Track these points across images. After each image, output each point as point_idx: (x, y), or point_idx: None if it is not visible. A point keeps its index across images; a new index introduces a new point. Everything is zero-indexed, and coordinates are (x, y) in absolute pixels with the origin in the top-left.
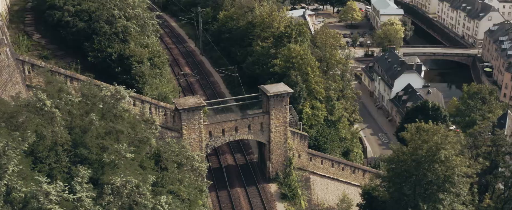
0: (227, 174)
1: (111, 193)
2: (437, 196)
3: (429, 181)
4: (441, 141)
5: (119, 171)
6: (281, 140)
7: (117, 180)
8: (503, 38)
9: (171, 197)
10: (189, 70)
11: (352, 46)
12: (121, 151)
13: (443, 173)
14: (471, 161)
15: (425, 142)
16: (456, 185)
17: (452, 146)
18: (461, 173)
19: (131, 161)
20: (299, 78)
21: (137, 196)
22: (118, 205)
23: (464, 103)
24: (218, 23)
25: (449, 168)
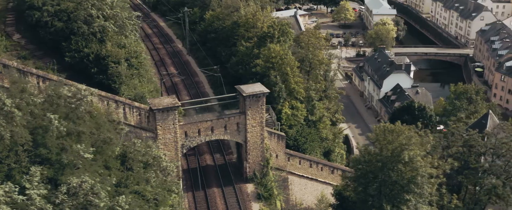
0: (205, 174)
1: (67, 193)
2: (402, 197)
3: (394, 182)
4: (406, 142)
5: (79, 171)
6: (257, 140)
7: (73, 180)
8: (494, 38)
9: (133, 197)
10: (175, 70)
11: (344, 46)
12: (79, 151)
13: (408, 174)
14: (441, 162)
15: (390, 143)
16: (420, 186)
17: (417, 147)
18: (425, 173)
19: (91, 161)
20: (279, 78)
21: (90, 196)
22: (72, 204)
23: (451, 103)
24: (205, 23)
25: (413, 169)
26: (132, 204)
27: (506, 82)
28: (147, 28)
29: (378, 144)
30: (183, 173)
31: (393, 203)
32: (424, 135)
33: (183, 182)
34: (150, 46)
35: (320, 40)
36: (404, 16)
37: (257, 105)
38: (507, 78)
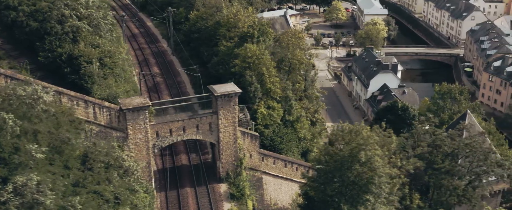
0: (180, 174)
1: (13, 191)
2: (361, 197)
3: (352, 182)
4: (363, 142)
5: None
6: (230, 140)
7: (18, 179)
8: (483, 37)
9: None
10: (158, 70)
11: (335, 46)
12: (31, 151)
13: (366, 174)
14: (404, 162)
15: (348, 143)
16: (377, 186)
17: (376, 147)
18: (383, 174)
19: (46, 161)
20: (254, 78)
21: (36, 194)
22: (18, 203)
23: (435, 103)
24: (189, 23)
25: (371, 169)
26: (85, 204)
27: (493, 82)
28: (134, 28)
29: (337, 144)
30: (158, 172)
31: (352, 203)
32: (388, 135)
33: (157, 182)
34: (136, 46)
35: (300, 40)
36: (397, 16)
37: (229, 105)
38: (495, 78)
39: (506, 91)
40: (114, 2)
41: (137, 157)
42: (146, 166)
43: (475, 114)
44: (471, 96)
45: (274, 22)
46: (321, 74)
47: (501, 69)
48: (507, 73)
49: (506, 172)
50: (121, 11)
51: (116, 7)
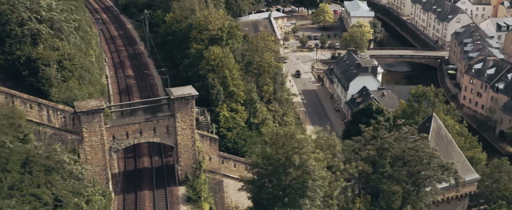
0: (140, 176)
1: None
2: (297, 201)
3: (288, 186)
4: (298, 145)
5: None
6: (188, 143)
7: None
8: (467, 40)
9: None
10: (132, 72)
11: (321, 48)
12: None
13: (303, 177)
14: (347, 165)
15: (282, 147)
16: (311, 189)
17: (309, 150)
18: (317, 177)
19: None
20: (217, 80)
21: None
22: None
23: (410, 106)
24: (165, 25)
25: (305, 172)
26: (18, 207)
27: (474, 85)
28: (113, 30)
29: (274, 148)
30: (119, 175)
31: (288, 206)
32: (331, 138)
33: (117, 185)
34: (113, 48)
35: (269, 43)
36: (385, 18)
37: (186, 107)
38: (476, 81)
39: (487, 94)
40: (97, 5)
41: (93, 159)
42: (103, 169)
43: (449, 116)
44: (454, 98)
45: (258, 25)
46: (305, 77)
47: (481, 72)
48: (487, 76)
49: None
50: (103, 14)
51: (99, 9)
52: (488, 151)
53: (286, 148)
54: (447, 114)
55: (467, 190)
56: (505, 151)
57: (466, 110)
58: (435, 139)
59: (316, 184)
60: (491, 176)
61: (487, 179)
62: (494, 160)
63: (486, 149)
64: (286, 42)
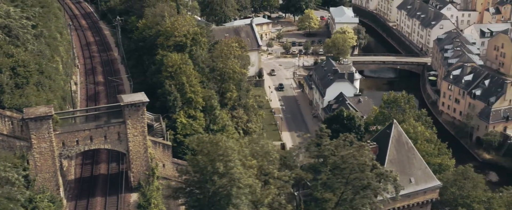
0: (95, 183)
1: None
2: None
3: (214, 193)
4: (223, 153)
5: None
6: (140, 149)
7: None
8: (448, 46)
9: None
10: (103, 78)
11: (304, 54)
12: None
13: (225, 185)
14: (282, 173)
15: (208, 154)
16: (236, 197)
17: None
18: (242, 185)
19: None
20: (174, 87)
21: None
22: None
23: (381, 112)
24: (138, 31)
25: (231, 179)
26: None
27: (452, 91)
28: (90, 36)
29: (201, 155)
30: (74, 181)
31: None
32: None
33: (72, 191)
34: (87, 54)
35: (232, 50)
36: (372, 25)
37: (137, 114)
38: (454, 87)
39: (464, 100)
40: (78, 11)
41: (42, 166)
42: (53, 175)
43: (419, 123)
44: (434, 105)
45: (240, 31)
46: (287, 83)
47: (459, 78)
48: (465, 82)
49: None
50: (82, 20)
51: (79, 15)
52: (465, 157)
53: (210, 156)
54: (418, 120)
55: (429, 197)
56: (481, 158)
57: (445, 116)
58: (396, 146)
59: (241, 192)
60: (455, 183)
61: (451, 187)
62: (459, 167)
63: (463, 155)
64: (270, 48)
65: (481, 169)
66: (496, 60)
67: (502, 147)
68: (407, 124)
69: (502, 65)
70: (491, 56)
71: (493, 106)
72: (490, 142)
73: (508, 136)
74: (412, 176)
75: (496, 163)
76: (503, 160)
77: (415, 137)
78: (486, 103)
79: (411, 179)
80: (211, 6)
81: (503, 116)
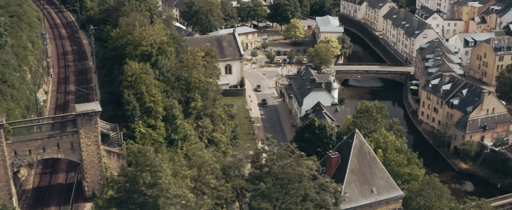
0: (52, 192)
1: None
2: None
3: (142, 204)
4: (150, 163)
5: None
6: (94, 159)
7: None
8: (429, 55)
9: None
10: (74, 87)
11: (288, 63)
12: None
13: (152, 195)
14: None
15: (136, 164)
16: (163, 208)
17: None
18: (171, 195)
19: None
20: (132, 96)
21: None
22: None
23: (353, 122)
24: (111, 41)
25: (159, 190)
26: None
27: (431, 100)
28: (67, 46)
29: (132, 165)
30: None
31: None
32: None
33: (27, 200)
34: (62, 63)
35: (197, 59)
36: (360, 34)
37: (90, 124)
38: (432, 96)
39: (443, 110)
40: (59, 20)
41: None
42: (5, 185)
43: (391, 132)
44: (414, 114)
45: (222, 40)
46: (268, 92)
47: (438, 88)
48: (443, 92)
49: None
50: (62, 29)
51: (59, 24)
52: (443, 167)
53: (139, 166)
54: (390, 129)
55: (392, 207)
56: (458, 168)
57: (425, 125)
58: (357, 156)
59: (168, 202)
60: (420, 193)
61: (416, 197)
62: (425, 177)
63: (440, 165)
64: (254, 58)
65: (457, 178)
66: (479, 69)
67: (479, 157)
68: (378, 134)
69: (485, 74)
70: (474, 66)
71: (470, 115)
72: (467, 151)
73: (485, 145)
74: (374, 186)
75: (473, 172)
76: (480, 169)
77: (385, 147)
78: (463, 112)
79: (373, 189)
80: (196, 16)
81: (480, 125)
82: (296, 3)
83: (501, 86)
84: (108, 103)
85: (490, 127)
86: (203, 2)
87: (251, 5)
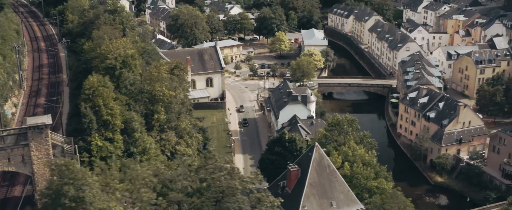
0: (5, 206)
1: None
2: None
3: None
4: (74, 177)
5: None
6: (46, 172)
7: None
8: (409, 69)
9: None
10: (44, 100)
11: (272, 76)
12: None
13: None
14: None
15: (60, 178)
16: None
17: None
18: (94, 208)
19: None
20: (89, 109)
21: None
22: None
23: (324, 135)
24: (84, 54)
25: (82, 203)
26: None
27: (409, 113)
28: (44, 59)
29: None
30: None
31: None
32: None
33: None
34: (37, 76)
35: (161, 72)
36: (347, 47)
37: (41, 137)
38: (410, 109)
39: (420, 123)
40: (39, 33)
41: None
42: None
43: (361, 145)
44: (393, 127)
45: (203, 53)
46: (250, 105)
47: (415, 101)
48: (420, 105)
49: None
50: (41, 42)
51: (40, 37)
52: (419, 181)
53: (63, 179)
54: (360, 142)
55: None
56: (433, 181)
57: (403, 139)
58: (317, 169)
59: None
60: (382, 206)
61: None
62: (388, 191)
63: (417, 178)
64: (238, 71)
65: (432, 192)
66: (461, 82)
67: (454, 170)
68: (347, 147)
69: (466, 87)
70: (456, 79)
71: (445, 128)
72: (442, 165)
73: (460, 159)
74: (333, 199)
75: (448, 186)
76: (455, 183)
77: (353, 160)
78: (439, 125)
79: (333, 203)
80: (182, 29)
81: (456, 138)
82: (281, 16)
83: (480, 99)
84: (74, 116)
85: (466, 140)
86: (188, 16)
87: (237, 18)
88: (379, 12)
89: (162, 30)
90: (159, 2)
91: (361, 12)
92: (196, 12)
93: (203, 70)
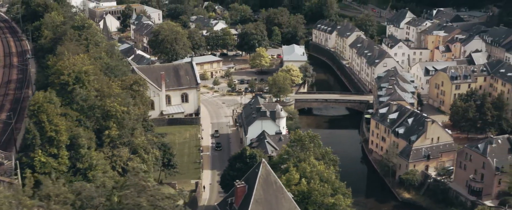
0: None
1: None
2: None
3: None
4: None
5: None
6: None
7: None
8: (384, 84)
9: None
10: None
11: (250, 92)
12: None
13: None
14: None
15: None
16: None
17: None
18: None
19: None
20: (32, 125)
21: None
22: None
23: (286, 151)
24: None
25: None
26: None
27: (379, 129)
28: (14, 74)
29: None
30: None
31: None
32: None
33: None
34: (3, 92)
35: (112, 88)
36: (329, 62)
37: None
38: (380, 125)
39: (389, 139)
40: (15, 49)
41: None
42: None
43: (321, 161)
44: (366, 143)
45: (179, 69)
46: (225, 121)
47: (385, 116)
48: (390, 120)
49: None
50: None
51: (14, 53)
52: (387, 197)
53: None
54: (322, 159)
55: None
56: (401, 197)
57: (375, 154)
58: (263, 186)
59: None
60: None
61: None
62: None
63: (385, 195)
64: (216, 86)
65: (399, 208)
66: (437, 98)
67: (422, 186)
68: (307, 163)
69: (442, 103)
70: (433, 94)
71: (413, 144)
72: (410, 181)
73: (428, 175)
74: None
75: (415, 202)
76: (422, 199)
77: (310, 176)
78: (408, 141)
79: None
80: (162, 44)
81: (423, 154)
82: (263, 32)
83: (453, 115)
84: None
85: (434, 156)
86: (169, 31)
87: (220, 34)
88: (362, 28)
89: (145, 45)
90: (143, 18)
91: (343, 28)
92: (177, 28)
93: (178, 85)
